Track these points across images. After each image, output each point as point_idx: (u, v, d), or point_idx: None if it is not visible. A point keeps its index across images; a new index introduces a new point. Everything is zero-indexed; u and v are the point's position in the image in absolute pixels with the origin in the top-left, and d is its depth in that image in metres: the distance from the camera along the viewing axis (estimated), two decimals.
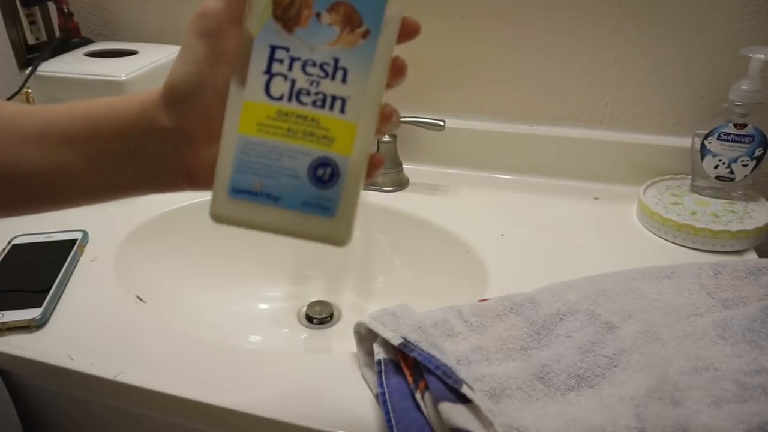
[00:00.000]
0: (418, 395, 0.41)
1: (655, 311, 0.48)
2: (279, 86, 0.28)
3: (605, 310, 0.47)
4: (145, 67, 0.72)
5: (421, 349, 0.42)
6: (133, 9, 0.85)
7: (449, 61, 0.75)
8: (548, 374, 0.42)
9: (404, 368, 0.43)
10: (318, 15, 0.28)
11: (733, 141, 0.64)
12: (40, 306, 0.53)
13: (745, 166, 0.65)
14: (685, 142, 0.69)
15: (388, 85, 0.30)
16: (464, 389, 0.39)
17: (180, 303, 0.65)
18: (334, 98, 0.28)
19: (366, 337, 0.47)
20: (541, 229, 0.67)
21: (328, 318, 0.70)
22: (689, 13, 0.66)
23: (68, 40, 0.81)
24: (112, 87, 0.68)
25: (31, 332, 0.52)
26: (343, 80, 0.28)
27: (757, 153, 0.64)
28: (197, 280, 0.69)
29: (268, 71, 0.28)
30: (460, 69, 0.76)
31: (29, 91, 0.74)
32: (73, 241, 0.63)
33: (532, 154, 0.76)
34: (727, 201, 0.66)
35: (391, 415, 0.40)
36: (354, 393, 0.45)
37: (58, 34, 0.84)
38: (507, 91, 0.76)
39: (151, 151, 0.32)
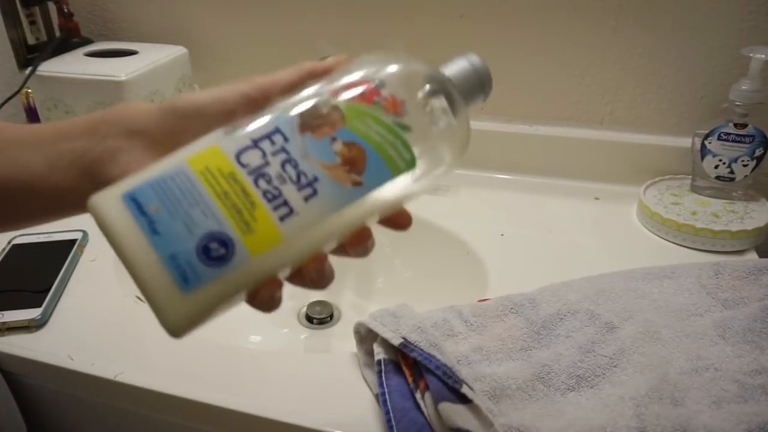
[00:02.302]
0: (418, 395, 0.41)
1: (655, 311, 0.48)
2: (252, 158, 0.27)
3: (605, 310, 0.47)
4: (145, 67, 0.72)
5: (421, 349, 0.42)
6: (133, 9, 0.85)
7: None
8: (548, 374, 0.42)
9: (404, 368, 0.43)
10: (333, 139, 0.28)
11: (733, 141, 0.64)
12: (40, 306, 0.53)
13: (745, 166, 0.64)
14: (685, 142, 0.69)
15: (345, 247, 0.30)
16: (464, 389, 0.39)
17: None
18: (285, 204, 0.27)
19: (366, 337, 0.47)
20: (541, 229, 0.67)
21: (328, 318, 0.70)
22: (689, 13, 0.66)
23: (68, 40, 0.81)
24: (112, 87, 0.68)
25: (31, 332, 0.52)
26: (306, 199, 0.27)
27: (758, 153, 0.64)
28: None
29: (255, 143, 0.28)
30: None
31: (29, 91, 0.74)
32: (73, 241, 0.63)
33: (532, 154, 0.76)
34: (728, 201, 0.66)
35: (391, 415, 0.40)
36: (354, 393, 0.45)
37: (58, 34, 0.84)
38: (507, 91, 0.76)
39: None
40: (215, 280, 0.26)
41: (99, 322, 0.53)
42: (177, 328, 0.26)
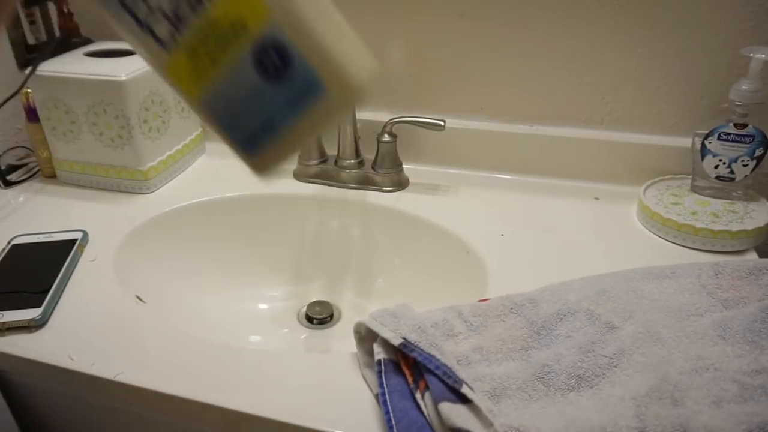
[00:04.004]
0: (418, 395, 0.41)
1: (655, 311, 0.48)
2: (160, 28, 0.23)
3: (605, 310, 0.47)
4: (145, 67, 0.72)
5: (421, 350, 0.42)
6: None
7: (449, 61, 0.75)
8: (548, 374, 0.42)
9: (404, 368, 0.43)
10: None
11: (733, 141, 0.64)
12: (40, 306, 0.53)
13: (745, 166, 0.64)
14: (685, 142, 0.69)
15: None
16: (464, 389, 0.39)
17: (180, 303, 0.65)
18: None
19: (366, 337, 0.47)
20: (541, 229, 0.67)
21: (328, 318, 0.70)
22: (689, 12, 0.66)
23: (68, 40, 0.81)
24: (112, 87, 0.68)
25: (31, 332, 0.52)
26: None
27: (758, 153, 0.64)
28: (197, 280, 0.69)
29: (140, 22, 0.24)
30: (460, 69, 0.76)
31: (29, 91, 0.74)
32: (73, 241, 0.63)
33: (532, 154, 0.76)
34: (728, 201, 0.66)
35: (391, 415, 0.40)
36: (354, 393, 0.45)
37: (58, 34, 0.84)
38: (507, 91, 0.76)
39: None
40: (308, 57, 0.23)
41: (99, 322, 0.53)
42: (368, 70, 0.24)
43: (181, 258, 0.69)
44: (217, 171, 0.80)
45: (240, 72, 0.23)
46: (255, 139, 0.25)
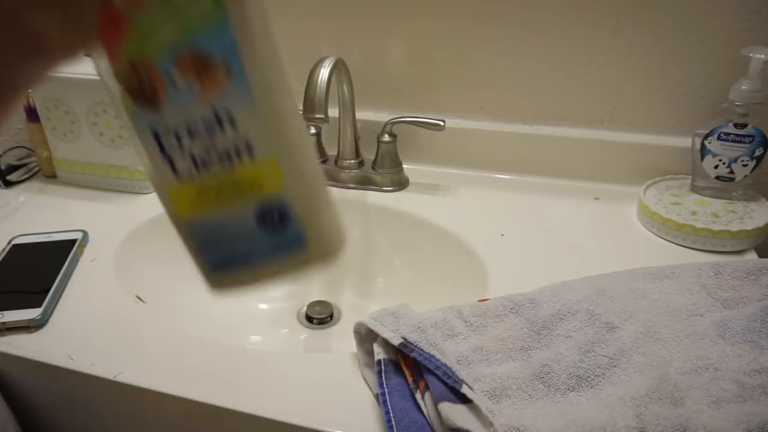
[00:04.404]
0: (418, 395, 0.41)
1: (655, 311, 0.48)
2: (182, 164, 0.26)
3: (605, 310, 0.47)
4: None
5: (421, 350, 0.42)
6: None
7: (449, 61, 0.75)
8: (548, 374, 0.42)
9: (404, 368, 0.43)
10: (168, 76, 0.24)
11: (733, 141, 0.64)
12: (40, 306, 0.53)
13: (745, 166, 0.64)
14: (685, 142, 0.69)
15: None
16: (464, 389, 0.39)
17: (180, 303, 0.65)
18: (236, 148, 0.25)
19: (366, 337, 0.47)
20: (541, 229, 0.67)
21: (328, 318, 0.70)
22: (689, 13, 0.66)
23: None
24: None
25: (31, 332, 0.52)
26: (233, 125, 0.25)
27: (757, 153, 0.64)
28: (197, 279, 0.68)
29: (164, 153, 0.26)
30: (460, 69, 0.76)
31: (29, 91, 0.74)
32: (73, 241, 0.63)
33: (532, 154, 0.76)
34: (728, 201, 0.66)
35: (391, 415, 0.40)
36: (354, 393, 0.45)
37: None
38: (507, 91, 0.76)
39: None
40: (301, 219, 0.27)
41: (99, 322, 0.53)
42: (338, 248, 0.29)
43: (181, 258, 0.69)
44: None
45: (239, 215, 0.27)
46: (225, 265, 0.29)
